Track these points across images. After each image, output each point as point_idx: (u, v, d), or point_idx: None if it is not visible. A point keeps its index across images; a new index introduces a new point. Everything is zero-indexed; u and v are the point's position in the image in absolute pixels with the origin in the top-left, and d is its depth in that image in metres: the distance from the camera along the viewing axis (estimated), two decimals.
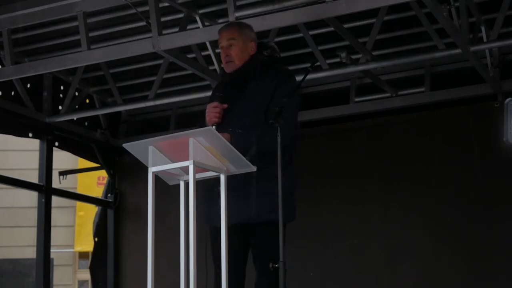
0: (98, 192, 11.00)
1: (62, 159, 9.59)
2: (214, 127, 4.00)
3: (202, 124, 4.13)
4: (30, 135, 7.48)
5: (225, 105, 4.10)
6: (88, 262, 10.97)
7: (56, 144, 7.68)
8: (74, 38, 6.65)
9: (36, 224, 7.47)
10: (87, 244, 12.96)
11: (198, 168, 3.57)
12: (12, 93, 7.18)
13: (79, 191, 12.51)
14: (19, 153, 13.53)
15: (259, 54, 4.26)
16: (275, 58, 4.32)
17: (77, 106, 7.76)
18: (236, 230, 3.89)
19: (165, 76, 7.23)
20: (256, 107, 4.08)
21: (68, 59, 6.19)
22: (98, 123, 8.09)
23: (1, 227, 13.77)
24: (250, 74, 4.19)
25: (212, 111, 4.07)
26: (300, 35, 6.60)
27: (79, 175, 11.86)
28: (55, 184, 7.69)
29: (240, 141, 3.89)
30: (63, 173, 8.41)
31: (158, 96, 7.25)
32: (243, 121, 4.03)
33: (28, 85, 7.32)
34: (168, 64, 7.04)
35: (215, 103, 4.09)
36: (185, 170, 3.62)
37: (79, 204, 13.46)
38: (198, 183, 3.61)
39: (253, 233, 4.05)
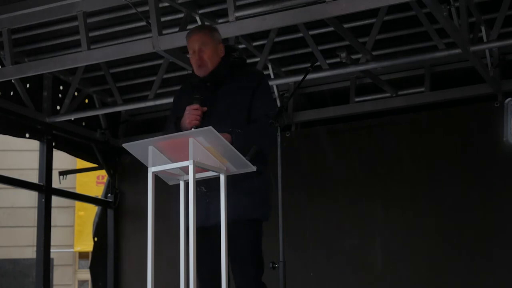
0: (97, 191, 11.01)
1: (62, 159, 9.60)
2: (193, 129, 3.99)
3: (177, 125, 4.09)
4: (27, 135, 7.47)
5: (205, 108, 4.07)
6: (88, 262, 10.98)
7: (53, 144, 7.67)
8: (74, 38, 6.66)
9: (36, 224, 7.47)
10: (87, 244, 12.96)
11: (198, 168, 3.57)
12: (11, 93, 7.18)
13: (78, 190, 12.52)
14: (19, 153, 13.54)
15: (228, 56, 4.26)
16: (244, 60, 4.35)
17: (77, 106, 7.76)
18: (218, 231, 3.81)
19: (165, 76, 7.23)
20: (235, 107, 4.09)
21: (68, 59, 6.19)
22: (98, 123, 8.09)
23: (1, 227, 13.78)
24: (223, 76, 4.19)
25: (193, 113, 4.04)
26: (300, 35, 6.60)
27: (78, 174, 11.85)
28: (55, 184, 7.69)
29: (241, 141, 3.88)
30: (63, 173, 8.42)
31: (158, 96, 7.24)
32: (224, 121, 4.01)
33: (28, 85, 7.32)
34: (168, 64, 7.04)
35: (196, 106, 4.05)
36: (185, 170, 3.62)
37: (79, 204, 13.47)
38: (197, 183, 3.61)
39: (230, 231, 3.98)
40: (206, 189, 3.90)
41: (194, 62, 4.22)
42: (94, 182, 13.35)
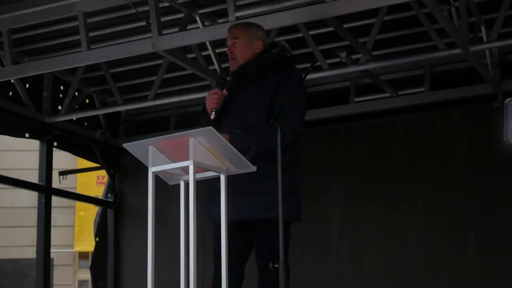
0: (97, 191, 11.01)
1: (62, 159, 9.60)
2: (213, 112, 4.04)
3: (205, 117, 4.12)
4: (27, 135, 7.47)
5: (225, 92, 4.11)
6: (88, 262, 10.98)
7: (55, 144, 7.67)
8: (74, 38, 6.66)
9: (36, 224, 7.47)
10: (87, 244, 12.97)
11: (198, 168, 3.57)
12: (10, 93, 7.17)
13: (79, 190, 12.52)
14: (19, 153, 13.54)
15: (267, 53, 4.26)
16: (283, 56, 4.29)
17: (77, 106, 7.76)
18: (237, 228, 3.90)
19: (165, 76, 7.23)
20: (258, 104, 4.09)
21: (68, 59, 6.19)
22: (98, 123, 8.09)
23: (1, 227, 13.79)
24: (254, 71, 4.18)
25: (212, 97, 4.09)
26: (300, 35, 6.60)
27: (78, 174, 11.85)
28: (55, 184, 7.69)
29: (239, 141, 3.89)
30: (63, 173, 8.42)
31: (158, 96, 7.25)
32: (247, 118, 4.04)
33: (27, 85, 7.32)
34: (168, 64, 7.04)
35: (215, 90, 4.12)
36: (185, 170, 3.62)
37: (79, 204, 13.48)
38: (199, 183, 3.62)
39: (254, 231, 4.06)
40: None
41: (228, 56, 4.30)
42: (94, 182, 13.36)
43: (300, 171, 4.16)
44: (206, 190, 4.02)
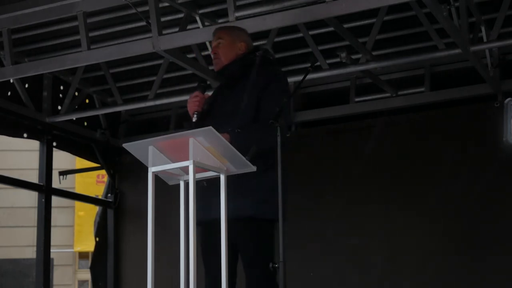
0: (97, 190, 11.02)
1: (62, 159, 9.60)
2: (195, 115, 4.12)
3: (188, 120, 4.17)
4: (25, 135, 7.47)
5: (207, 94, 4.21)
6: (88, 262, 10.98)
7: (54, 144, 7.67)
8: (74, 38, 6.66)
9: (36, 224, 7.47)
10: (87, 244, 12.98)
11: (198, 168, 3.57)
12: (9, 93, 7.16)
13: (77, 190, 12.52)
14: (19, 153, 13.56)
15: (250, 54, 4.31)
16: (266, 59, 4.35)
17: (76, 106, 7.76)
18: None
19: (165, 76, 7.23)
20: (243, 105, 4.11)
21: (68, 59, 6.19)
22: (98, 123, 8.09)
23: (1, 227, 13.80)
24: (237, 72, 4.24)
25: (193, 100, 4.18)
26: (300, 35, 6.60)
27: (77, 174, 11.85)
28: (55, 184, 7.69)
29: (239, 140, 3.89)
30: (63, 173, 8.41)
31: (158, 96, 7.25)
32: (233, 118, 4.05)
33: (27, 85, 7.31)
34: (168, 64, 7.05)
35: (196, 93, 4.20)
36: (185, 170, 3.62)
37: (79, 204, 13.49)
38: (198, 183, 3.62)
39: (237, 230, 4.00)
40: (207, 183, 3.89)
41: (212, 57, 4.39)
42: (94, 181, 13.37)
43: (286, 171, 4.12)
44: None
